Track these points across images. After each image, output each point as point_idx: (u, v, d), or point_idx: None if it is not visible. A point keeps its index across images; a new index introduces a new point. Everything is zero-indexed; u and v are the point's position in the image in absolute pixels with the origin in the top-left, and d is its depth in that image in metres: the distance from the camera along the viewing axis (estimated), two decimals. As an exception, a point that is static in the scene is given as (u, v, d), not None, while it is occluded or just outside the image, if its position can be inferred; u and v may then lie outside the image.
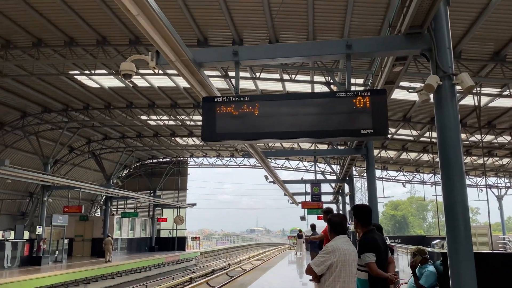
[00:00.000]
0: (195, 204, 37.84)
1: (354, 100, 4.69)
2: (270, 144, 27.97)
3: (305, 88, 15.88)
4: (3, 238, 20.56)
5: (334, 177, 27.43)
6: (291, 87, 16.11)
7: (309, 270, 3.70)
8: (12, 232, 22.77)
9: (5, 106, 20.54)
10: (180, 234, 36.70)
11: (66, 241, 24.10)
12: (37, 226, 21.64)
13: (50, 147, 23.94)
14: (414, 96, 15.26)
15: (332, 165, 27.71)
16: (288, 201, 29.51)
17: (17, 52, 14.37)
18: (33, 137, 22.99)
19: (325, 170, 33.00)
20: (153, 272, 24.62)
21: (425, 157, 27.36)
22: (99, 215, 34.55)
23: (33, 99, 20.13)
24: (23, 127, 22.44)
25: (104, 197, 30.47)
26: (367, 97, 4.66)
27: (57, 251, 22.86)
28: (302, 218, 31.54)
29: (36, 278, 15.24)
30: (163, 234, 36.91)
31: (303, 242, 25.68)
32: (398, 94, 14.58)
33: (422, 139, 22.23)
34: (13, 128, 22.47)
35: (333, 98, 4.89)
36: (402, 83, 11.46)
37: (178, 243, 35.46)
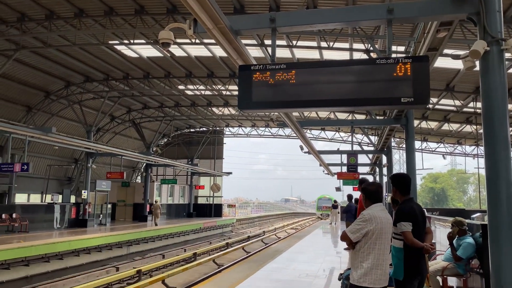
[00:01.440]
0: (230, 173, 38.53)
1: (395, 67, 4.55)
2: (305, 114, 27.74)
3: (343, 56, 15.49)
4: (52, 201, 21.89)
5: (372, 148, 26.98)
6: (329, 55, 15.75)
7: (344, 237, 3.74)
8: (60, 196, 24.21)
9: (50, 75, 21.39)
10: (216, 201, 37.71)
11: (109, 206, 25.35)
12: (83, 191, 22.84)
13: (92, 115, 24.85)
14: (458, 64, 14.59)
15: (370, 136, 27.22)
16: (323, 171, 29.43)
17: (60, 22, 14.78)
18: (77, 106, 23.90)
19: (362, 141, 32.51)
20: (191, 237, 25.58)
21: (468, 128, 26.31)
22: (140, 181, 35.93)
23: (76, 68, 20.80)
24: (67, 96, 23.35)
25: (145, 164, 31.59)
26: (409, 64, 4.51)
27: (101, 215, 24.11)
28: (338, 189, 31.46)
29: (83, 239, 16.22)
30: (201, 201, 38.05)
31: (338, 213, 25.76)
32: (441, 62, 13.96)
33: (465, 109, 21.33)
34: (58, 97, 23.43)
35: (373, 65, 4.76)
36: (446, 50, 10.94)
37: (214, 210, 36.55)
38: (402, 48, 13.39)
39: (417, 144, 31.37)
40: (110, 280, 11.17)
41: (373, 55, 12.71)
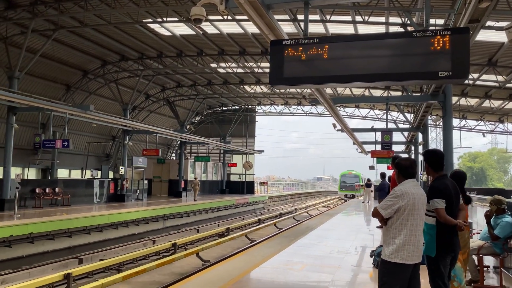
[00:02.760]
0: (262, 151, 38.72)
1: (432, 40, 4.40)
2: (339, 91, 27.27)
3: (379, 30, 15.00)
4: (91, 177, 22.83)
5: (407, 126, 26.30)
6: (364, 29, 15.28)
7: (376, 213, 3.73)
8: (99, 172, 25.16)
9: (87, 55, 21.96)
10: (248, 178, 38.15)
11: (145, 182, 26.18)
12: (120, 167, 23.65)
13: (128, 94, 25.44)
14: (501, 37, 13.85)
15: (406, 113, 26.51)
16: (357, 150, 29.05)
17: (96, 1, 15.04)
18: (113, 84, 24.50)
19: (397, 119, 31.71)
20: (224, 213, 26.12)
21: (511, 105, 25.11)
22: (174, 158, 36.77)
23: (111, 47, 21.24)
24: (103, 75, 23.97)
25: (179, 142, 32.22)
26: (447, 36, 4.34)
27: (138, 190, 24.96)
28: (371, 168, 31.01)
29: (121, 213, 16.89)
30: (233, 178, 38.60)
31: (372, 191, 25.48)
32: (483, 36, 13.26)
33: (508, 85, 20.31)
34: (95, 76, 24.09)
35: (409, 39, 4.63)
36: (488, 23, 10.40)
37: (247, 187, 37.04)
38: (441, 21, 12.81)
39: (455, 121, 30.30)
40: (147, 252, 11.63)
41: (410, 29, 12.24)
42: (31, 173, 24.48)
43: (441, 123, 12.39)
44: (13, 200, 14.27)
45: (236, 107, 37.92)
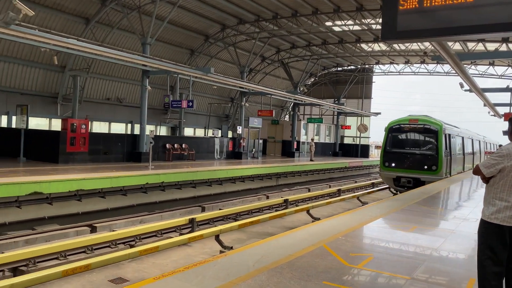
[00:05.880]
0: (379, 113, 37.14)
1: None
2: (470, 47, 24.46)
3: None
4: (213, 135, 24.67)
5: (554, 86, 22.64)
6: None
7: (477, 171, 3.49)
8: (219, 131, 27.06)
9: (208, 20, 23.23)
10: (363, 142, 37.17)
11: (260, 141, 27.37)
12: (238, 127, 25.08)
13: (245, 57, 26.41)
14: None
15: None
16: (489, 113, 26.10)
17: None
18: (231, 48, 25.63)
19: (542, 77, 27.47)
20: (336, 175, 26.14)
21: None
22: (287, 120, 37.50)
23: (230, 11, 22.09)
24: (223, 39, 25.17)
25: (292, 103, 32.67)
26: None
27: (253, 149, 26.27)
28: (505, 133, 27.65)
29: (238, 168, 18.10)
30: (347, 141, 38.01)
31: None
32: None
33: None
34: (215, 40, 25.45)
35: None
36: None
37: (361, 151, 36.21)
38: None
39: None
40: (261, 205, 12.40)
41: None
42: (162, 130, 27.45)
43: None
44: (148, 154, 16.27)
45: (352, 67, 36.67)
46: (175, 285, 3.72)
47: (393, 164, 15.37)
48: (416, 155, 15.08)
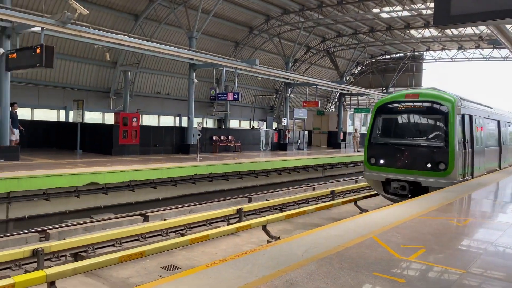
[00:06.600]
0: (430, 102, 35.64)
1: None
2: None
3: None
4: (258, 127, 24.83)
5: None
6: None
7: None
8: (264, 123, 27.18)
9: (252, 11, 23.27)
10: (413, 132, 35.88)
11: (306, 133, 27.19)
12: (283, 118, 25.04)
13: (290, 47, 26.23)
14: None
15: None
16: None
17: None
18: (276, 38, 25.54)
19: None
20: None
21: None
22: (333, 110, 36.94)
23: (274, 2, 22.00)
24: (267, 30, 25.14)
25: (338, 93, 32.11)
26: None
27: (299, 140, 26.16)
28: None
29: (284, 160, 18.12)
30: (395, 131, 36.83)
31: None
32: None
33: None
34: (260, 32, 25.47)
35: None
36: None
37: (410, 141, 34.97)
38: None
39: None
40: (307, 196, 12.38)
41: None
42: (209, 123, 27.98)
43: None
44: (196, 145, 16.67)
45: (401, 54, 35.42)
46: (226, 272, 3.83)
47: (382, 161, 10.40)
48: (415, 148, 10.12)
